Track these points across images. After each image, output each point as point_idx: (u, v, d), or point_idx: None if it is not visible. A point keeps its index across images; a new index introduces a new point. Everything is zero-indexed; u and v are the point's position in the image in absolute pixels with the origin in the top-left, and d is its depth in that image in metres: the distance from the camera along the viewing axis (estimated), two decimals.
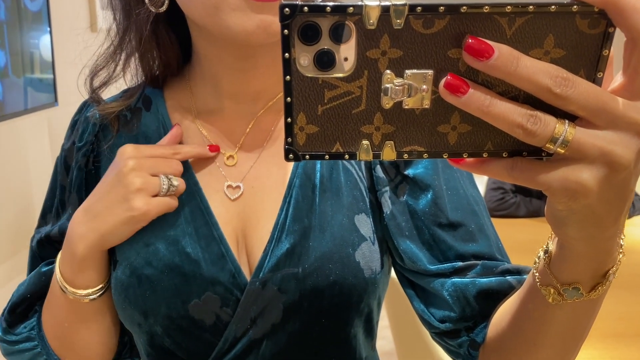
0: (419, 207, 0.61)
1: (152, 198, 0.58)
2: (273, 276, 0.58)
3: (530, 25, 0.33)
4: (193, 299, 0.58)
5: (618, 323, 1.29)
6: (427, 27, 0.33)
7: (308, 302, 0.58)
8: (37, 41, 2.10)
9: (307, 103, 0.35)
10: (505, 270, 0.60)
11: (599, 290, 0.43)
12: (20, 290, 0.67)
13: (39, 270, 0.67)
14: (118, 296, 0.61)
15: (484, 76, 0.35)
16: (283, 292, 0.58)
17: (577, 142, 0.34)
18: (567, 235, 0.39)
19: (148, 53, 0.64)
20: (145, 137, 0.65)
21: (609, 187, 0.35)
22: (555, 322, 0.48)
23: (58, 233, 0.67)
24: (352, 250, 0.59)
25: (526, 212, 2.17)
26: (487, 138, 0.36)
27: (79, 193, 0.66)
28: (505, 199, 2.18)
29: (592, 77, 0.35)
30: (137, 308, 0.59)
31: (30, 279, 0.67)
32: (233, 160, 0.64)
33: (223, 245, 0.59)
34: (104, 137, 0.66)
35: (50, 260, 0.67)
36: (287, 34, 0.33)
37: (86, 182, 0.66)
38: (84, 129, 0.67)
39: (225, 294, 0.59)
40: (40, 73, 2.14)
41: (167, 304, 0.59)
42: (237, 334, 0.59)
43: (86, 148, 0.66)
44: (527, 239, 1.75)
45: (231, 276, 0.59)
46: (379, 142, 0.36)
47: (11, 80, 1.92)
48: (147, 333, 0.61)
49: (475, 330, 0.60)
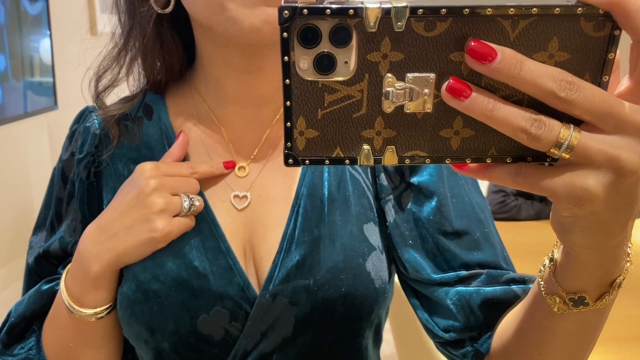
0: (423, 215, 0.60)
1: (173, 219, 0.57)
2: (284, 288, 0.57)
3: (534, 28, 0.33)
4: (201, 314, 0.57)
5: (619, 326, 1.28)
6: (428, 30, 0.33)
7: (320, 314, 0.57)
8: (37, 45, 2.09)
9: (307, 107, 0.35)
10: (510, 279, 0.59)
11: (605, 300, 0.42)
12: (19, 310, 0.64)
13: (38, 289, 0.64)
14: (124, 312, 0.59)
15: (487, 80, 0.34)
16: (294, 304, 0.57)
17: (582, 147, 0.33)
18: (572, 242, 0.38)
19: (151, 55, 0.63)
20: (148, 147, 0.64)
21: (615, 193, 0.34)
22: (561, 332, 0.47)
23: (59, 248, 0.65)
24: (362, 260, 0.58)
25: (527, 215, 2.16)
26: (490, 143, 0.36)
27: (81, 206, 0.64)
28: (506, 202, 2.17)
29: (597, 81, 0.34)
30: (144, 324, 0.58)
31: (29, 298, 0.64)
32: (244, 171, 0.63)
33: (231, 258, 0.58)
34: (105, 147, 0.65)
35: (51, 278, 0.65)
36: (286, 36, 0.33)
37: (88, 194, 0.65)
38: (83, 140, 0.66)
39: (234, 308, 0.57)
40: (40, 76, 2.14)
41: (175, 320, 0.57)
42: (247, 347, 0.58)
43: (87, 160, 0.64)
44: (529, 242, 1.75)
45: (240, 289, 0.57)
46: (380, 146, 0.36)
47: (11, 84, 1.92)
48: (154, 350, 0.60)
49: (479, 340, 0.59)
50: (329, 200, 0.60)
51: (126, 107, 0.65)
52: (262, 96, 0.63)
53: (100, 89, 0.64)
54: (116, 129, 0.65)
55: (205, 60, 0.63)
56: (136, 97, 0.67)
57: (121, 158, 0.64)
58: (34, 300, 0.64)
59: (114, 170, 0.64)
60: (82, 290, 0.59)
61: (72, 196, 0.65)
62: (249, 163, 0.63)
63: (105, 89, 0.64)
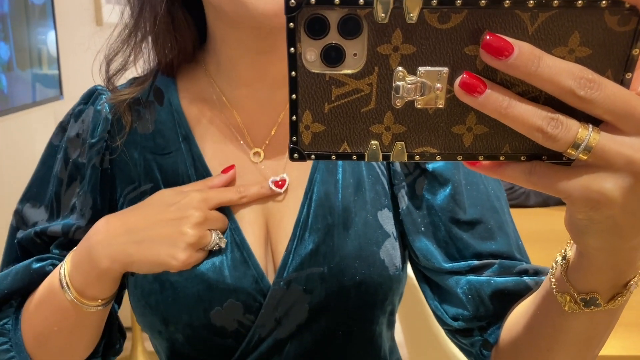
0: (436, 202, 0.60)
1: (195, 252, 0.57)
2: (298, 276, 0.57)
3: (555, 22, 0.31)
4: (215, 306, 0.57)
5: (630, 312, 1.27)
6: (442, 22, 0.31)
7: (334, 302, 0.57)
8: (44, 37, 2.09)
9: (313, 100, 0.33)
10: (522, 270, 0.58)
11: (618, 301, 0.41)
12: (2, 285, 0.62)
13: (28, 267, 0.62)
14: (137, 302, 0.59)
15: (502, 75, 0.33)
16: (308, 292, 0.57)
17: (601, 149, 0.32)
18: (587, 245, 0.37)
19: (163, 35, 0.61)
20: (162, 136, 0.63)
21: (634, 197, 0.33)
22: (571, 330, 0.47)
23: (60, 230, 0.63)
24: (376, 248, 0.58)
25: (536, 201, 2.14)
26: (504, 141, 0.34)
27: (93, 193, 0.63)
28: (514, 188, 2.15)
29: (620, 78, 0.33)
30: (158, 315, 0.58)
31: (17, 274, 0.62)
32: (259, 157, 0.62)
33: (245, 250, 0.58)
34: (118, 133, 0.63)
35: (42, 257, 0.64)
36: (292, 27, 0.32)
37: (102, 181, 0.63)
38: (95, 124, 0.64)
39: (248, 300, 0.57)
40: (46, 66, 2.14)
41: (189, 312, 0.57)
42: (261, 335, 0.58)
43: (100, 145, 0.63)
44: (537, 228, 1.73)
45: (254, 282, 0.57)
46: (389, 142, 0.34)
47: (16, 74, 1.91)
48: (167, 340, 0.60)
49: (488, 330, 0.59)
50: (342, 187, 0.60)
51: (137, 91, 0.64)
52: (275, 78, 0.61)
53: (111, 72, 0.63)
54: (128, 115, 0.64)
55: (218, 41, 0.61)
56: (147, 79, 0.65)
57: (136, 146, 0.63)
58: (21, 278, 0.62)
59: (129, 158, 0.63)
60: (86, 281, 0.58)
61: (73, 179, 0.64)
62: (263, 148, 0.62)
63: (116, 73, 0.63)
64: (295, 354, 0.59)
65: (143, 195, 0.61)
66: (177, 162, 0.62)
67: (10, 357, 0.62)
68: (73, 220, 0.63)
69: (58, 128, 0.67)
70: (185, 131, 0.63)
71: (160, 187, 0.61)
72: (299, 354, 0.59)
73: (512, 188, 2.16)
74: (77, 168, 0.64)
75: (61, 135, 0.66)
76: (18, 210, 0.67)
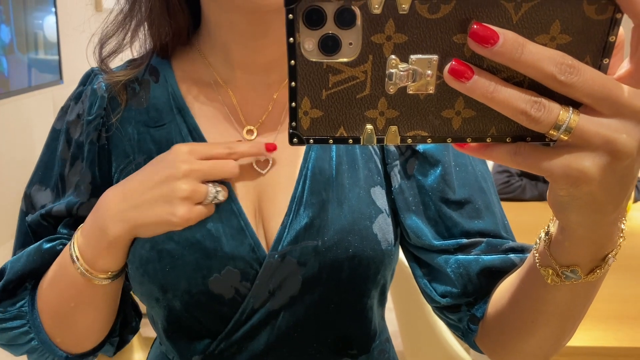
0: (427, 182, 0.62)
1: (194, 206, 0.58)
2: (292, 249, 0.58)
3: (537, 11, 0.33)
4: (213, 273, 0.59)
5: (621, 305, 1.30)
6: (432, 12, 0.33)
7: (327, 274, 0.59)
8: (42, 22, 2.09)
9: (312, 88, 0.35)
10: (509, 248, 0.60)
11: (597, 273, 0.43)
12: (16, 267, 0.64)
13: (39, 248, 0.64)
14: (136, 271, 0.60)
15: (489, 61, 0.34)
16: (302, 264, 0.58)
17: (580, 130, 0.34)
18: (568, 219, 0.40)
19: (158, 19, 0.62)
20: (155, 109, 0.64)
21: (611, 174, 0.35)
22: (553, 302, 0.49)
23: (64, 209, 0.65)
24: (369, 222, 0.60)
25: (532, 195, 2.16)
26: (491, 123, 0.36)
27: (91, 167, 0.65)
28: (510, 182, 2.17)
29: (597, 64, 0.35)
30: (156, 283, 0.59)
31: (28, 256, 0.64)
32: (252, 134, 0.63)
33: (242, 219, 0.59)
34: (113, 110, 0.65)
35: (52, 237, 0.66)
36: (291, 18, 0.33)
37: (99, 156, 0.65)
38: (92, 102, 0.65)
39: (245, 268, 0.59)
40: (45, 51, 2.14)
41: (187, 279, 0.59)
42: (254, 305, 0.60)
43: (97, 122, 0.64)
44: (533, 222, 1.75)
45: (251, 250, 0.59)
46: (382, 126, 0.36)
47: (16, 57, 1.92)
48: (165, 308, 0.61)
49: (475, 305, 0.61)
50: (337, 164, 0.61)
51: (133, 73, 0.65)
52: (269, 62, 0.63)
53: (104, 54, 0.64)
54: (124, 94, 0.65)
55: (212, 25, 0.63)
56: (143, 62, 0.66)
57: (130, 121, 0.64)
58: (33, 259, 0.64)
59: (123, 134, 0.64)
60: (96, 252, 0.59)
61: (75, 158, 0.66)
62: (257, 127, 0.64)
63: (110, 55, 0.64)
64: (287, 326, 0.60)
65: (137, 167, 0.62)
66: (171, 132, 0.63)
67: (30, 338, 0.64)
68: (75, 197, 0.65)
69: (60, 112, 0.69)
70: (179, 104, 0.64)
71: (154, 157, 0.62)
72: (291, 325, 0.61)
73: (508, 182, 2.17)
74: (79, 147, 0.65)
75: (63, 119, 0.68)
76: (26, 194, 0.69)
